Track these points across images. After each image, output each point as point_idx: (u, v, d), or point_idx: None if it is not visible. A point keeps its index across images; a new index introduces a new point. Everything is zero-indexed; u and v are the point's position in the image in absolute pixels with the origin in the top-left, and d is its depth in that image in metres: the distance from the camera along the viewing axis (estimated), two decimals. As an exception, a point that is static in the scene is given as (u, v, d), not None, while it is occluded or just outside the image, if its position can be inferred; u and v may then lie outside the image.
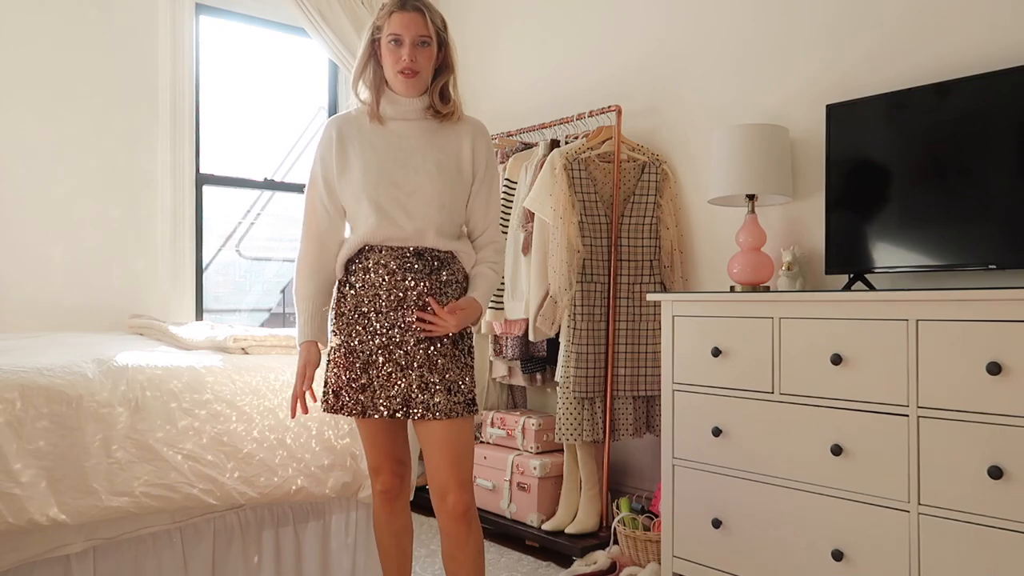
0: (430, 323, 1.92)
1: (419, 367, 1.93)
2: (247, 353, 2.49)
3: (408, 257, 1.96)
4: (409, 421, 2.12)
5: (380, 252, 1.96)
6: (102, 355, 2.17)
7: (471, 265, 2.06)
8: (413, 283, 1.95)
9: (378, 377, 1.94)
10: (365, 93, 2.02)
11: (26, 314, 3.26)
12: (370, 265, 1.97)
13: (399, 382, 1.93)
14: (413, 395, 1.92)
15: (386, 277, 1.95)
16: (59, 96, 3.37)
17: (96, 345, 2.43)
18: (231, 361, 2.32)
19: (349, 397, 1.96)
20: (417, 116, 2.01)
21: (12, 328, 3.17)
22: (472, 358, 2.02)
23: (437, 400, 1.91)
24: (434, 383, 1.92)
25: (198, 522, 2.19)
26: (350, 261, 2.01)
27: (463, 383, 1.95)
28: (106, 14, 3.48)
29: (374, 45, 1.99)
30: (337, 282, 2.05)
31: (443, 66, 2.01)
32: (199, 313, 3.77)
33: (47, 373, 1.95)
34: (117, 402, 2.00)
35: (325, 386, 2.02)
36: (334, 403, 1.99)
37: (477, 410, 1.98)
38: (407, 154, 1.97)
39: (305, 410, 2.01)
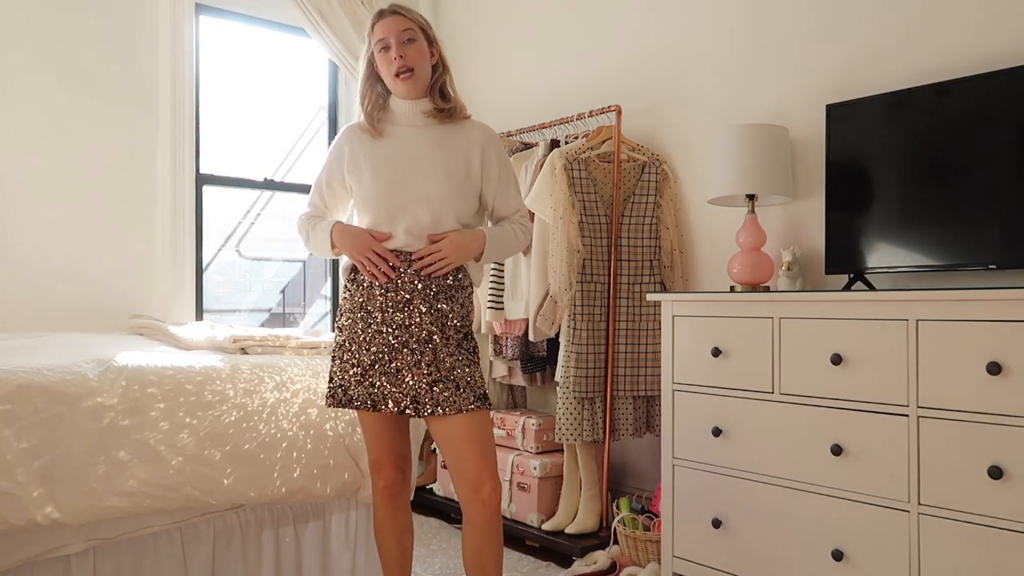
0: (430, 263, 1.95)
1: (427, 365, 1.95)
2: (247, 353, 2.49)
3: (415, 261, 1.99)
4: (419, 420, 2.14)
5: (390, 254, 1.98)
6: (102, 355, 2.17)
7: (475, 270, 2.10)
8: (420, 286, 1.97)
9: (385, 374, 1.96)
10: (367, 109, 2.08)
11: (26, 314, 3.25)
12: None
13: (407, 380, 1.95)
14: (422, 392, 1.94)
15: (394, 279, 1.98)
16: (59, 96, 3.36)
17: (96, 345, 2.43)
18: (231, 361, 2.32)
19: (357, 391, 1.99)
20: (424, 122, 2.06)
21: (12, 328, 3.16)
22: (477, 356, 2.04)
23: (447, 396, 1.93)
24: (442, 380, 1.94)
25: (198, 522, 2.19)
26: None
27: (471, 379, 1.97)
28: (106, 14, 3.47)
29: (371, 67, 2.07)
30: (344, 281, 2.09)
31: (438, 65, 2.08)
32: (199, 313, 3.77)
33: (47, 373, 1.95)
34: (117, 402, 2.00)
35: (330, 382, 2.05)
36: (342, 397, 2.02)
37: (491, 405, 2.00)
38: (416, 160, 2.02)
39: (383, 236, 1.99)
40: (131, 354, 2.24)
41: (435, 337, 1.96)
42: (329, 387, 2.05)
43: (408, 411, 1.96)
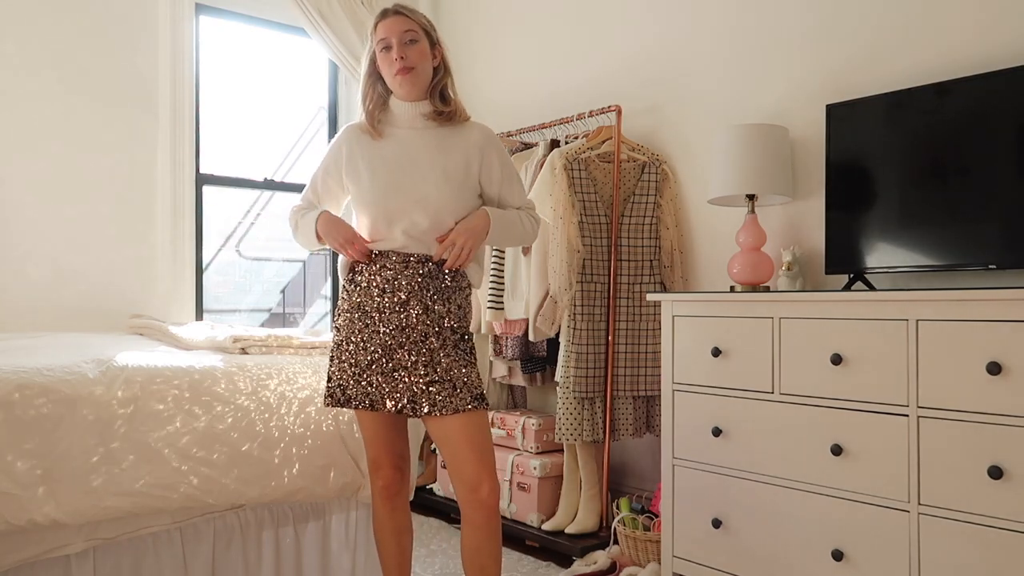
0: (454, 259, 1.97)
1: (424, 366, 1.95)
2: (247, 353, 2.49)
3: (412, 262, 1.98)
4: (419, 420, 2.14)
5: (387, 256, 1.99)
6: (102, 355, 2.17)
7: (474, 272, 2.10)
8: (417, 287, 1.97)
9: (382, 374, 1.97)
10: (369, 108, 2.07)
11: (26, 314, 3.25)
12: (376, 268, 2.00)
13: (404, 380, 1.96)
14: (419, 392, 1.94)
15: (391, 280, 1.98)
16: (59, 96, 3.36)
17: (96, 345, 2.43)
18: (231, 361, 2.32)
19: (355, 391, 1.99)
20: (423, 124, 2.05)
21: (13, 328, 3.16)
22: (474, 356, 2.03)
23: (443, 396, 1.93)
24: (439, 380, 1.94)
25: (198, 522, 2.19)
26: (356, 262, 2.03)
27: (468, 379, 1.97)
28: (106, 14, 3.47)
29: (373, 66, 2.06)
30: (342, 281, 2.09)
31: (440, 67, 2.07)
32: (199, 313, 3.77)
33: (47, 373, 1.95)
34: (117, 402, 2.00)
35: (329, 382, 2.05)
36: (340, 397, 2.02)
37: (488, 404, 2.00)
38: (415, 162, 2.01)
39: (366, 242, 2.01)
40: (131, 354, 2.24)
41: (431, 338, 1.96)
42: (327, 387, 2.05)
43: (405, 411, 1.96)
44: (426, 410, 1.94)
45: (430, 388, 1.94)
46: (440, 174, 2.00)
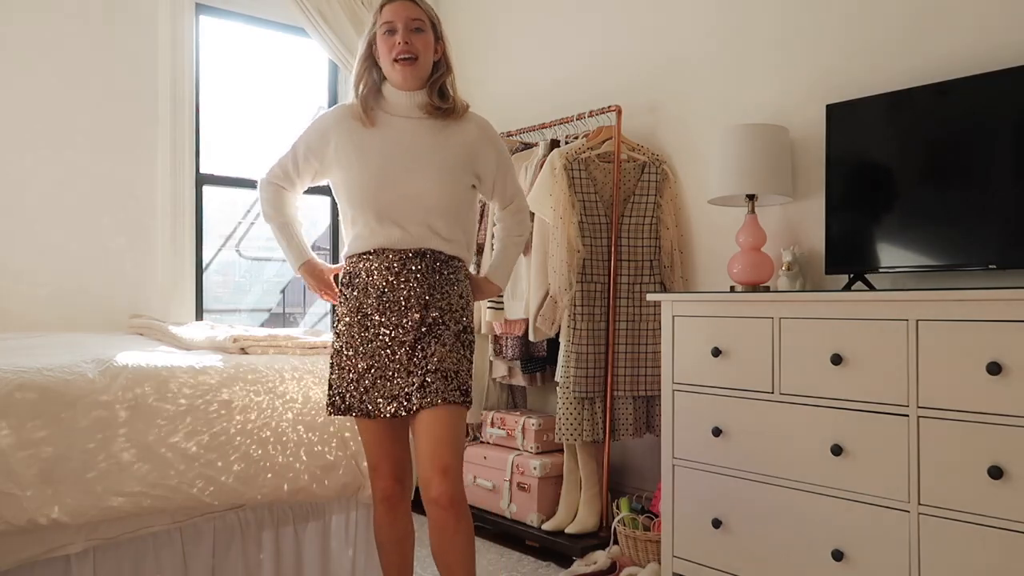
0: None
1: (422, 362, 1.93)
2: (247, 353, 2.49)
3: (409, 258, 1.96)
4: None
5: (382, 255, 1.97)
6: (102, 355, 2.17)
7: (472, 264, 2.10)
8: (415, 284, 1.95)
9: (380, 377, 1.95)
10: (362, 93, 2.02)
11: (26, 314, 3.25)
12: (372, 267, 1.97)
13: (400, 381, 1.93)
14: (413, 393, 1.92)
15: (389, 279, 1.95)
16: (59, 96, 3.36)
17: (96, 345, 2.43)
18: (231, 361, 2.32)
19: (355, 398, 1.97)
20: (419, 115, 2.00)
21: (12, 328, 3.16)
22: (472, 352, 2.02)
23: (434, 388, 1.89)
24: (431, 375, 1.90)
25: (198, 522, 2.19)
26: (349, 260, 2.03)
27: (459, 373, 1.94)
28: (106, 14, 3.47)
29: (371, 48, 2.00)
30: (340, 283, 2.06)
31: (441, 63, 2.02)
32: (199, 313, 3.77)
33: (47, 373, 1.95)
34: (117, 402, 2.00)
35: (330, 389, 2.03)
36: (340, 405, 2.00)
37: (470, 402, 1.97)
38: (409, 154, 1.96)
39: (333, 291, 2.12)
40: (131, 354, 2.24)
41: (431, 335, 1.94)
42: (328, 395, 2.03)
43: (400, 413, 1.93)
44: (416, 406, 1.89)
45: (424, 387, 1.91)
46: (436, 168, 1.95)
